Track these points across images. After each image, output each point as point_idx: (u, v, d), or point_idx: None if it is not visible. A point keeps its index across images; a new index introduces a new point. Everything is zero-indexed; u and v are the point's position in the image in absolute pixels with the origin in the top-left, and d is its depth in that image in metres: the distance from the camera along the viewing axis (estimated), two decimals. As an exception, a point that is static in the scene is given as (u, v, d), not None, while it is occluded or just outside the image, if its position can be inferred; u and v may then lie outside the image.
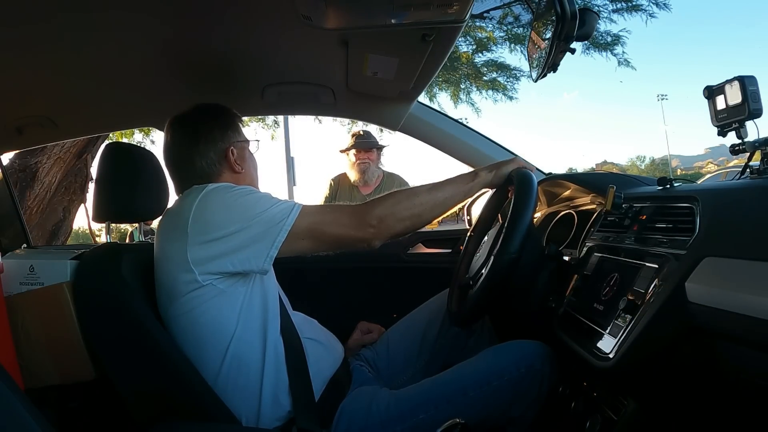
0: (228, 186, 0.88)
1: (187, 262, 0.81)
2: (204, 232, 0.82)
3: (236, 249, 0.82)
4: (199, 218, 0.82)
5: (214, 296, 0.83)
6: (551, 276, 0.96)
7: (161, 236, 0.89)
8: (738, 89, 0.74)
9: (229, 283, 0.84)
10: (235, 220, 0.82)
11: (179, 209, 0.87)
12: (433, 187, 0.94)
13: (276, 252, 0.83)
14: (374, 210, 0.88)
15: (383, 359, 1.12)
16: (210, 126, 0.97)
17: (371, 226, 0.88)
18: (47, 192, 2.90)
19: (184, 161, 0.96)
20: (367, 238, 0.89)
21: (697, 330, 0.60)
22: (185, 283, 0.82)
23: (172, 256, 0.84)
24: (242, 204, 0.84)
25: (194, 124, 0.97)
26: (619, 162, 69.13)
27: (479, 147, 1.54)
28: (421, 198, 0.92)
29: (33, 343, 0.90)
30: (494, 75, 4.42)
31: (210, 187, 0.86)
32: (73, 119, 1.37)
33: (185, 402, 0.83)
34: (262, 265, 0.83)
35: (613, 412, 0.76)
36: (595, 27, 0.84)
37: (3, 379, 0.47)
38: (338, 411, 0.90)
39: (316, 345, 0.95)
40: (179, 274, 0.83)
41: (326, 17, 0.88)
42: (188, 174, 0.95)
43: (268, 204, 0.84)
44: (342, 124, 4.55)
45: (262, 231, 0.82)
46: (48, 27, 0.88)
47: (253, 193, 0.87)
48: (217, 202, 0.84)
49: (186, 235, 0.82)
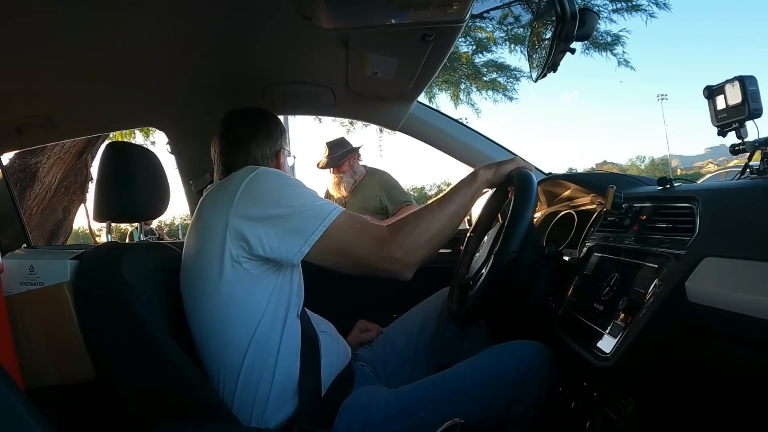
0: (280, 173, 0.91)
1: (226, 230, 0.83)
2: (248, 207, 0.84)
3: (271, 234, 0.83)
4: (248, 193, 0.85)
5: (247, 280, 0.85)
6: (551, 276, 0.96)
7: (204, 207, 0.91)
8: (738, 89, 0.74)
9: (261, 270, 0.86)
10: (278, 204, 0.84)
11: (229, 182, 0.89)
12: (442, 201, 0.94)
13: (308, 249, 0.83)
14: (396, 239, 0.87)
15: (380, 359, 1.13)
16: (270, 126, 1.04)
17: (396, 258, 0.87)
18: (47, 192, 2.90)
19: (242, 145, 1.01)
20: (396, 271, 0.88)
21: (696, 330, 0.60)
22: (219, 257, 0.84)
23: (214, 223, 0.86)
24: (289, 192, 0.86)
25: (256, 119, 1.04)
26: (619, 162, 69.13)
27: (479, 147, 1.54)
28: (436, 215, 0.91)
29: (33, 343, 0.90)
30: (494, 75, 4.42)
31: (263, 168, 0.89)
32: (73, 119, 1.37)
33: (185, 402, 0.83)
34: (293, 258, 0.84)
35: (613, 412, 0.76)
36: (595, 27, 0.85)
37: (3, 379, 0.47)
38: (339, 410, 0.90)
39: (329, 338, 0.97)
40: (215, 245, 0.84)
41: (326, 17, 0.88)
42: (243, 157, 1.00)
43: (312, 200, 0.86)
44: (342, 124, 4.55)
45: (299, 224, 0.83)
46: (48, 27, 0.88)
47: (302, 186, 0.89)
48: (268, 183, 0.87)
49: (232, 204, 0.84)
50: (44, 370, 0.91)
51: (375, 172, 2.35)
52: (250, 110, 1.06)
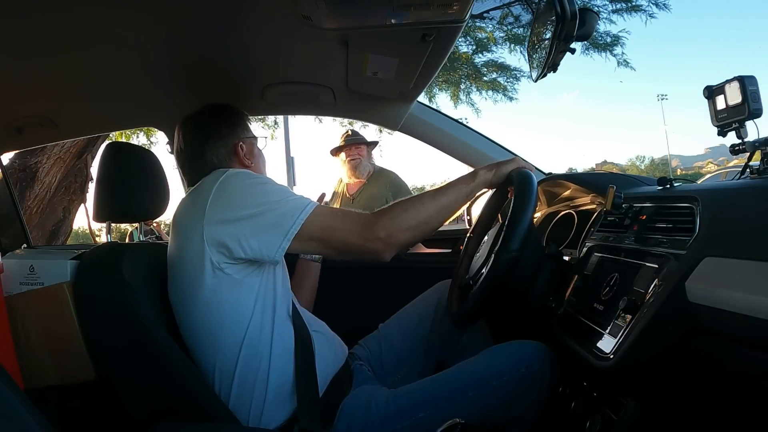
0: (248, 173, 0.90)
1: (203, 241, 0.83)
2: (220, 212, 0.84)
3: (248, 234, 0.83)
4: (218, 198, 0.85)
5: (232, 286, 0.85)
6: (551, 276, 0.96)
7: (179, 218, 0.90)
8: (738, 89, 0.74)
9: (244, 274, 0.85)
10: (251, 204, 0.84)
11: (199, 190, 0.89)
12: (435, 193, 0.94)
13: (288, 244, 0.84)
14: (380, 221, 0.88)
15: (376, 358, 1.12)
16: (219, 123, 1.01)
17: (379, 239, 0.87)
18: (47, 192, 2.90)
19: (196, 156, 1.00)
20: (377, 250, 0.88)
21: (697, 330, 0.60)
22: (200, 267, 0.83)
23: (189, 234, 0.85)
24: (260, 191, 0.86)
25: (203, 122, 1.01)
26: (619, 162, 69.19)
27: (479, 147, 1.54)
28: (426, 205, 0.92)
29: (33, 343, 0.90)
30: (494, 75, 4.42)
31: (231, 171, 0.88)
32: (73, 119, 1.37)
33: (185, 402, 0.83)
34: (274, 255, 0.84)
35: (613, 412, 0.76)
36: (595, 27, 0.85)
37: (3, 379, 0.47)
38: (339, 410, 0.90)
39: (322, 338, 0.96)
40: (195, 256, 0.84)
41: (326, 17, 0.88)
42: (202, 168, 0.98)
43: (284, 195, 0.86)
44: (342, 124, 4.55)
45: (275, 220, 0.83)
46: (49, 27, 0.88)
47: (272, 183, 0.89)
48: (237, 185, 0.86)
49: (204, 214, 0.84)
50: (44, 370, 0.91)
51: (383, 172, 2.33)
52: (198, 114, 1.03)
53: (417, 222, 0.90)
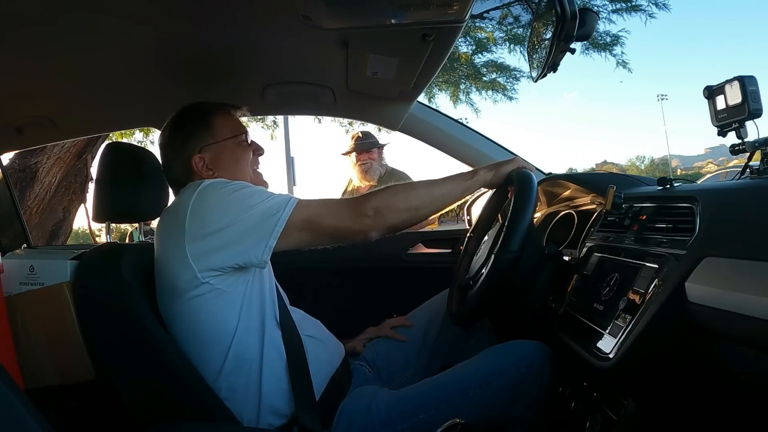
0: (223, 182, 0.88)
1: (186, 257, 0.81)
2: (201, 227, 0.82)
3: (233, 242, 0.82)
4: (196, 214, 0.83)
5: (216, 296, 0.83)
6: (551, 276, 0.95)
7: (161, 234, 0.89)
8: (738, 89, 0.74)
9: (229, 282, 0.84)
10: (231, 213, 0.83)
11: (177, 207, 0.88)
12: (431, 183, 0.94)
13: (274, 243, 0.82)
14: (370, 201, 0.88)
15: (383, 359, 1.12)
16: (172, 138, 0.98)
17: (367, 216, 0.87)
18: (47, 192, 2.90)
19: (168, 175, 1.00)
20: (364, 230, 0.88)
21: (697, 330, 0.60)
22: (186, 281, 0.82)
23: (172, 252, 0.84)
24: (236, 198, 0.85)
25: (162, 139, 1.00)
26: (619, 162, 69.19)
27: (479, 147, 1.54)
28: (419, 192, 0.92)
29: (33, 343, 0.90)
30: (494, 75, 4.42)
31: (206, 183, 0.87)
32: (73, 119, 1.37)
33: (185, 402, 0.83)
34: (261, 256, 0.83)
35: (613, 412, 0.76)
36: (595, 27, 0.85)
37: (3, 379, 0.47)
38: (338, 411, 0.90)
39: (315, 342, 0.95)
40: (179, 271, 0.83)
41: (326, 17, 0.88)
42: (175, 186, 0.99)
43: (263, 197, 0.85)
44: (341, 124, 4.55)
45: (257, 222, 0.82)
46: (49, 28, 0.88)
47: (247, 187, 0.87)
48: (213, 197, 0.85)
49: (184, 230, 0.82)
50: (44, 370, 0.91)
51: (394, 173, 2.35)
52: (163, 128, 1.01)
53: (407, 206, 0.90)
